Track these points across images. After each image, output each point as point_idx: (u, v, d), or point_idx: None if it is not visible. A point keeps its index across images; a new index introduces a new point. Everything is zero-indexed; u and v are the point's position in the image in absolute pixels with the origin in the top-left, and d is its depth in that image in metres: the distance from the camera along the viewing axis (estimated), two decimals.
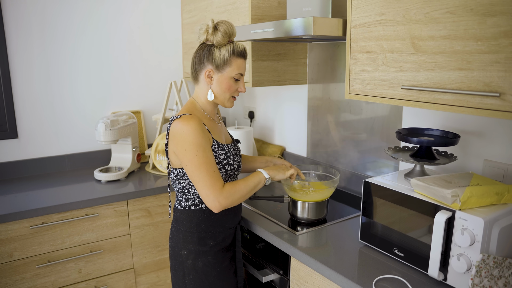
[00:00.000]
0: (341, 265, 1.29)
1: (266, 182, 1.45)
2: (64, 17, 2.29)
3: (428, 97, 1.18)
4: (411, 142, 1.34)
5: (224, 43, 1.39)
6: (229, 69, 1.40)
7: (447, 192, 1.11)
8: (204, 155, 1.33)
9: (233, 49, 1.39)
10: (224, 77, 1.41)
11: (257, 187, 1.43)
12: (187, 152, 1.33)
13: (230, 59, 1.39)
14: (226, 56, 1.38)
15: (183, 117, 1.35)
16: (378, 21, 1.30)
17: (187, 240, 1.46)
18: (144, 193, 2.06)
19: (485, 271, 1.04)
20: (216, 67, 1.40)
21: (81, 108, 2.42)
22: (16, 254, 1.80)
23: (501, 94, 1.00)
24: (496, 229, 1.06)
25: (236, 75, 1.42)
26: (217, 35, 1.38)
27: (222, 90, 1.43)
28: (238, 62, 1.41)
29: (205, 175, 1.33)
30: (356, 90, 1.43)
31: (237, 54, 1.40)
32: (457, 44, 1.08)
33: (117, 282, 2.07)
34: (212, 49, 1.40)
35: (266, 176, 1.45)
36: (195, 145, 1.32)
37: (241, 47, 1.42)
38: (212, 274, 1.47)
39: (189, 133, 1.32)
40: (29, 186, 2.11)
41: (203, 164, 1.33)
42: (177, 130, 1.35)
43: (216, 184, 1.34)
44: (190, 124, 1.33)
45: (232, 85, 1.43)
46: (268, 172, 1.46)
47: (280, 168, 1.51)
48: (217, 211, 1.36)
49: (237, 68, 1.41)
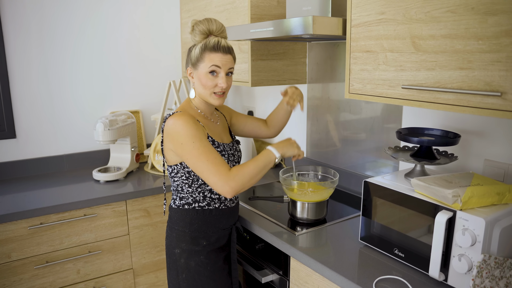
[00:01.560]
0: (341, 265, 1.28)
1: (276, 160, 1.40)
2: (62, 17, 2.28)
3: (428, 96, 1.17)
4: (412, 142, 1.33)
5: (201, 41, 1.40)
6: (202, 64, 1.39)
7: (448, 192, 1.11)
8: (201, 144, 1.33)
9: (204, 45, 1.38)
10: (199, 73, 1.40)
11: (267, 166, 1.37)
12: (184, 145, 1.33)
13: (202, 55, 1.38)
14: (197, 52, 1.39)
15: (175, 114, 1.38)
16: (378, 20, 1.29)
17: (180, 239, 1.46)
18: (143, 193, 2.05)
19: (486, 272, 1.04)
20: (192, 65, 1.42)
21: (80, 107, 2.41)
22: (14, 255, 1.79)
23: (502, 93, 0.99)
24: (497, 229, 1.06)
25: (210, 68, 1.38)
26: (195, 35, 1.40)
27: (202, 87, 1.42)
28: (211, 56, 1.37)
29: (208, 163, 1.31)
30: (356, 89, 1.42)
31: (209, 48, 1.38)
32: (458, 43, 1.07)
33: (116, 282, 2.06)
34: (191, 49, 1.44)
35: (277, 155, 1.39)
36: (191, 136, 1.32)
37: (213, 41, 1.38)
38: (205, 274, 1.46)
39: (182, 126, 1.33)
40: (27, 186, 2.10)
41: (202, 154, 1.32)
42: (169, 126, 1.36)
43: (221, 169, 1.31)
44: (182, 118, 1.34)
45: (209, 81, 1.40)
46: (277, 149, 1.39)
47: (290, 144, 1.44)
48: (230, 196, 1.33)
49: (209, 61, 1.38)
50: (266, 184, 2.15)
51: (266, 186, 2.11)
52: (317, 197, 1.59)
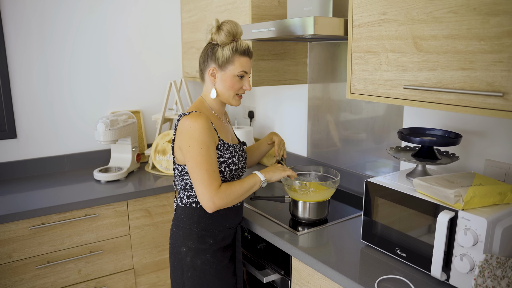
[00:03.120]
0: (343, 265, 1.28)
1: (262, 184, 1.44)
2: (63, 17, 2.28)
3: (430, 96, 1.17)
4: (413, 142, 1.33)
5: (227, 42, 1.41)
6: (231, 67, 1.42)
7: (450, 192, 1.11)
8: (207, 153, 1.34)
9: (235, 48, 1.41)
10: (227, 75, 1.42)
11: (252, 189, 1.43)
12: (191, 148, 1.34)
13: (232, 58, 1.41)
14: (228, 54, 1.40)
15: (192, 114, 1.37)
16: (380, 20, 1.29)
17: (187, 238, 1.46)
18: (144, 193, 2.05)
19: (488, 271, 1.04)
20: (219, 65, 1.42)
21: (81, 108, 2.41)
22: (16, 255, 1.79)
23: (504, 93, 1.00)
24: (499, 229, 1.06)
25: (239, 72, 1.43)
26: (220, 34, 1.40)
27: (226, 88, 1.44)
28: (241, 60, 1.42)
29: (205, 173, 1.34)
30: (358, 89, 1.42)
31: (240, 52, 1.41)
32: (460, 43, 1.07)
33: (117, 282, 2.06)
34: (215, 48, 1.42)
35: (262, 179, 1.44)
36: (200, 142, 1.34)
37: (244, 45, 1.43)
38: (211, 273, 1.47)
39: (196, 130, 1.34)
40: (28, 186, 2.10)
41: (204, 162, 1.34)
42: (184, 127, 1.36)
43: (213, 183, 1.35)
44: (198, 122, 1.35)
45: (236, 83, 1.44)
46: (264, 175, 1.46)
47: (277, 169, 1.50)
48: (210, 211, 1.37)
49: (240, 66, 1.42)
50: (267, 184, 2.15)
51: (267, 186, 2.11)
52: (318, 197, 1.59)
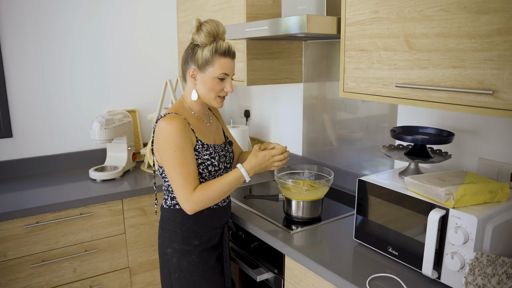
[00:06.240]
0: (336, 263, 1.29)
1: (246, 179, 1.38)
2: (59, 16, 2.28)
3: (422, 95, 1.17)
4: (406, 140, 1.34)
5: (207, 43, 1.36)
6: (211, 69, 1.37)
7: (441, 190, 1.11)
8: (181, 155, 1.32)
9: (215, 48, 1.36)
10: (207, 77, 1.39)
11: (234, 184, 1.37)
12: (166, 151, 1.33)
13: (212, 59, 1.36)
14: (207, 55, 1.36)
15: (167, 116, 1.35)
16: (372, 19, 1.29)
17: (172, 239, 1.46)
18: (139, 192, 2.05)
19: (479, 269, 1.04)
20: (198, 67, 1.38)
21: (76, 106, 2.41)
22: (10, 254, 1.79)
23: (494, 91, 1.00)
24: (490, 227, 1.06)
25: (220, 74, 1.38)
26: (200, 35, 1.36)
27: (206, 90, 1.40)
28: (221, 61, 1.37)
29: (179, 176, 1.32)
30: (351, 88, 1.42)
31: (220, 53, 1.37)
32: (451, 41, 1.08)
33: (112, 281, 2.07)
34: (195, 49, 1.39)
35: (244, 174, 1.36)
36: (174, 145, 1.32)
37: (224, 46, 1.37)
38: (197, 274, 1.46)
39: (170, 132, 1.32)
40: (24, 185, 2.10)
41: (178, 165, 1.32)
42: (159, 129, 1.35)
43: (188, 187, 1.33)
44: (172, 124, 1.32)
45: (216, 85, 1.39)
46: (249, 172, 1.37)
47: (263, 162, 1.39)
48: (190, 213, 1.36)
49: (220, 67, 1.37)
50: (261, 182, 2.15)
51: (261, 185, 2.11)
52: (312, 196, 1.59)
